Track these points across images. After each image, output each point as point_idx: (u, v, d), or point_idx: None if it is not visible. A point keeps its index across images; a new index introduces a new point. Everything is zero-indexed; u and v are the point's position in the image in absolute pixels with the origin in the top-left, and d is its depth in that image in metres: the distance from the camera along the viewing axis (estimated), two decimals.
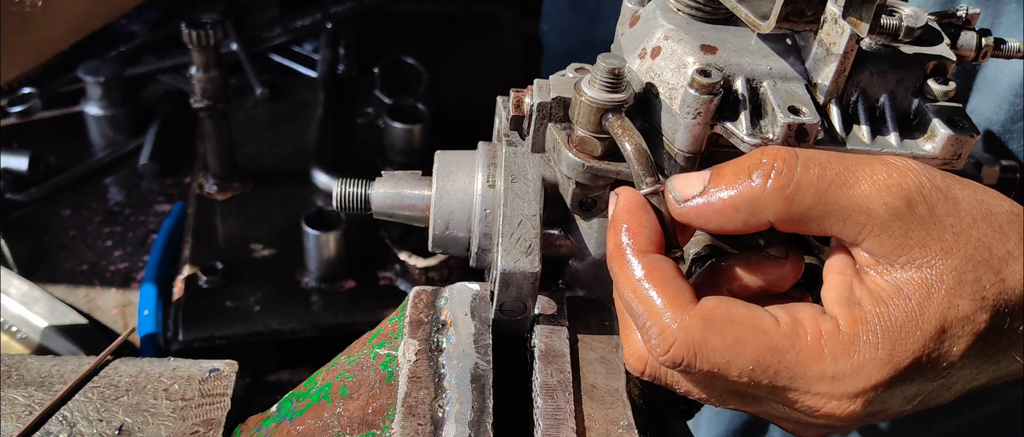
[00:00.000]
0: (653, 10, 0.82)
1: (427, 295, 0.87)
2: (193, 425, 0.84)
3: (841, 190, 0.66)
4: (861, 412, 0.67)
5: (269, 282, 1.37)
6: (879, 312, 0.66)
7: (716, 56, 0.76)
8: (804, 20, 0.70)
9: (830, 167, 0.66)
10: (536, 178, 0.83)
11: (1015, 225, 0.67)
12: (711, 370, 0.67)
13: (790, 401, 0.68)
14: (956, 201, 0.66)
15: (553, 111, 0.82)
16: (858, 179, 0.66)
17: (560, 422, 0.76)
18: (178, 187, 1.60)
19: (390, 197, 0.90)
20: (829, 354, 0.66)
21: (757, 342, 0.66)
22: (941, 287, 0.65)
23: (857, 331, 0.66)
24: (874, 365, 0.65)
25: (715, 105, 0.74)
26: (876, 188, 0.66)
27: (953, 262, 0.65)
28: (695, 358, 0.67)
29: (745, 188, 0.67)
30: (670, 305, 0.68)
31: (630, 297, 0.70)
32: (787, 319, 0.68)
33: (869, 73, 0.76)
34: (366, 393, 0.79)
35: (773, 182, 0.66)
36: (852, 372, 0.65)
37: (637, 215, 0.72)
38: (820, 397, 0.67)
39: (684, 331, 0.66)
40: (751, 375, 0.66)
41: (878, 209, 0.65)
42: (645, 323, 0.69)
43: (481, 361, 0.80)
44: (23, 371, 0.88)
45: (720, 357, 0.66)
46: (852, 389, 0.66)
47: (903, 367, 0.65)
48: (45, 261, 1.44)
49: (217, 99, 1.41)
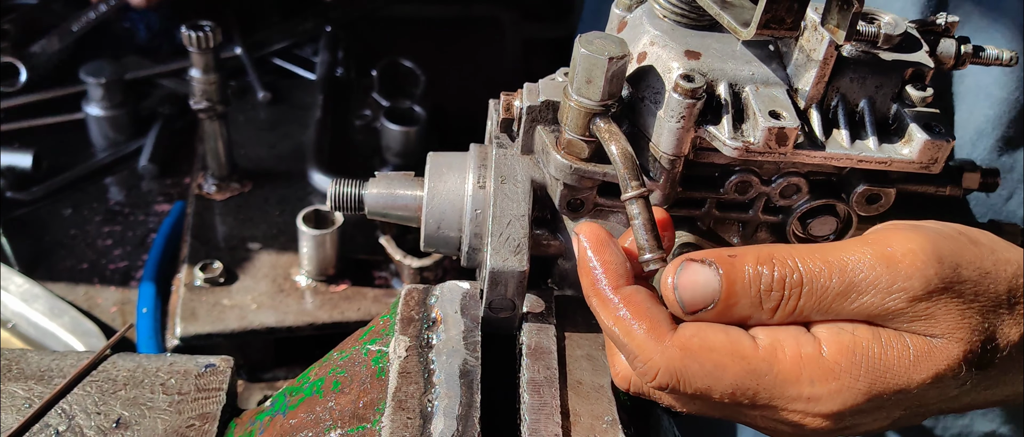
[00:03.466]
0: (640, 16, 0.84)
1: (418, 293, 0.89)
2: (189, 419, 0.86)
3: (843, 304, 0.68)
4: (832, 427, 0.70)
5: (266, 281, 1.39)
6: (871, 348, 0.68)
7: (700, 62, 0.78)
8: (784, 27, 0.72)
9: (832, 284, 0.68)
10: (525, 179, 0.86)
11: (1010, 293, 0.69)
12: (694, 394, 0.70)
13: (768, 413, 0.71)
14: (961, 289, 0.67)
15: (542, 114, 0.84)
16: (860, 291, 0.67)
17: (546, 417, 0.78)
18: (177, 187, 1.62)
19: (383, 197, 0.92)
20: (806, 377, 0.68)
21: (736, 368, 0.68)
22: (942, 353, 0.67)
23: (841, 360, 0.68)
24: (850, 393, 0.68)
25: (698, 109, 0.76)
26: (879, 297, 0.67)
27: (959, 335, 0.67)
28: (678, 384, 0.69)
29: (755, 311, 0.69)
30: (650, 335, 0.70)
31: (613, 329, 0.72)
32: (766, 341, 0.69)
33: (849, 79, 0.78)
34: (357, 388, 0.81)
35: (780, 313, 0.69)
36: (829, 396, 0.68)
37: (604, 252, 0.73)
38: (796, 413, 0.70)
39: (665, 361, 0.69)
40: (731, 397, 0.69)
41: (880, 314, 0.68)
42: (631, 352, 0.71)
43: (470, 357, 0.82)
44: (23, 365, 0.89)
45: (701, 383, 0.69)
46: (826, 410, 0.68)
47: (877, 394, 0.68)
48: (46, 259, 1.46)
49: (216, 101, 1.43)
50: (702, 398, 0.71)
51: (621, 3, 0.88)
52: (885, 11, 0.80)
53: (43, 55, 1.71)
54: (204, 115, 1.45)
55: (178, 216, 1.53)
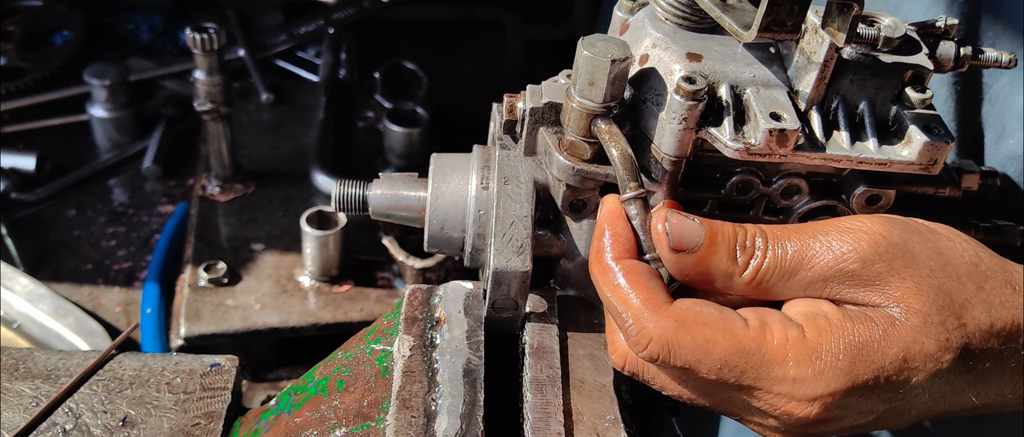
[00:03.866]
0: (642, 19, 0.85)
1: (422, 293, 0.90)
2: (194, 417, 0.87)
3: (800, 270, 0.72)
4: (817, 415, 0.71)
5: (270, 281, 1.40)
6: (845, 327, 0.71)
7: (701, 64, 0.79)
8: (785, 30, 0.73)
9: (790, 248, 0.73)
10: (528, 180, 0.86)
11: (972, 275, 0.72)
12: (683, 366, 0.71)
13: (754, 398, 0.72)
14: (912, 254, 0.72)
15: (545, 116, 0.85)
16: (814, 253, 0.72)
17: (549, 415, 0.78)
18: (181, 188, 1.63)
19: (387, 198, 0.93)
20: (792, 358, 0.70)
21: (726, 343, 0.70)
22: (906, 325, 0.70)
23: (821, 340, 0.70)
24: (834, 373, 0.69)
25: (700, 111, 0.77)
26: (832, 259, 0.72)
27: (915, 305, 0.70)
28: (669, 355, 0.71)
29: (727, 265, 0.73)
30: (646, 306, 0.72)
31: (610, 297, 0.74)
32: (756, 323, 0.72)
33: (849, 81, 0.79)
34: (362, 387, 0.82)
35: (750, 270, 0.73)
36: (813, 377, 0.70)
37: (620, 222, 0.77)
38: (781, 397, 0.71)
39: (659, 330, 0.71)
40: (719, 373, 0.71)
41: (834, 276, 0.72)
42: (625, 321, 0.73)
43: (473, 357, 0.83)
44: (30, 364, 0.90)
45: (691, 356, 0.71)
46: (811, 393, 0.70)
47: (861, 382, 0.70)
48: (50, 259, 1.46)
49: (220, 102, 1.44)
50: (690, 373, 0.72)
51: (623, 5, 0.89)
52: (885, 13, 0.80)
53: None
54: (208, 116, 1.45)
55: (182, 217, 1.54)
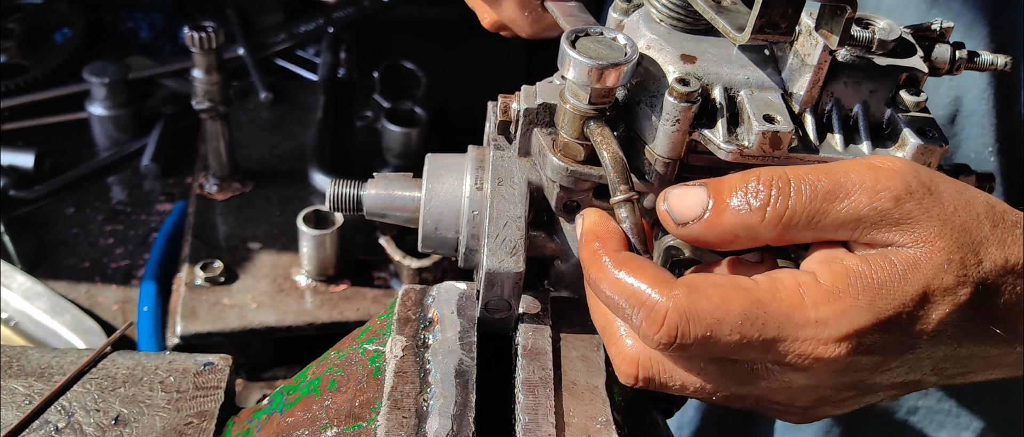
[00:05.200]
0: (637, 20, 0.85)
1: (415, 293, 0.90)
2: (187, 416, 0.87)
3: (833, 205, 0.70)
4: (845, 355, 0.69)
5: (266, 280, 1.40)
6: (862, 270, 0.70)
7: (695, 65, 0.79)
8: (779, 32, 0.73)
9: (820, 184, 0.70)
10: (522, 181, 0.86)
11: (989, 214, 0.72)
12: (705, 335, 0.69)
13: (780, 353, 0.70)
14: (940, 194, 0.71)
15: (539, 117, 0.85)
16: (848, 191, 0.70)
17: (540, 417, 0.78)
18: (179, 187, 1.63)
19: (382, 198, 0.92)
20: (810, 302, 0.69)
21: (741, 298, 0.69)
22: (927, 263, 0.69)
23: (837, 284, 0.69)
24: (855, 311, 0.68)
25: (693, 113, 0.77)
26: (866, 196, 0.70)
27: (940, 244, 0.70)
28: (688, 324, 0.69)
29: (744, 217, 0.71)
30: (654, 285, 0.70)
31: (611, 293, 0.72)
32: (763, 278, 0.71)
33: (843, 83, 0.79)
34: (354, 387, 0.82)
35: (771, 212, 0.70)
36: (835, 317, 0.69)
37: (604, 224, 0.76)
38: (808, 342, 0.69)
39: (673, 301, 0.69)
40: (741, 330, 0.69)
41: (869, 215, 0.70)
42: (632, 311, 0.71)
43: (466, 357, 0.83)
44: (24, 362, 0.90)
45: (710, 317, 0.69)
46: (837, 332, 0.69)
47: (884, 317, 0.69)
48: (48, 257, 1.47)
49: (218, 101, 1.44)
50: (711, 343, 0.70)
51: (619, 7, 0.89)
52: (880, 16, 0.80)
53: None
54: (206, 115, 1.46)
55: (179, 215, 1.54)
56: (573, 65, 0.76)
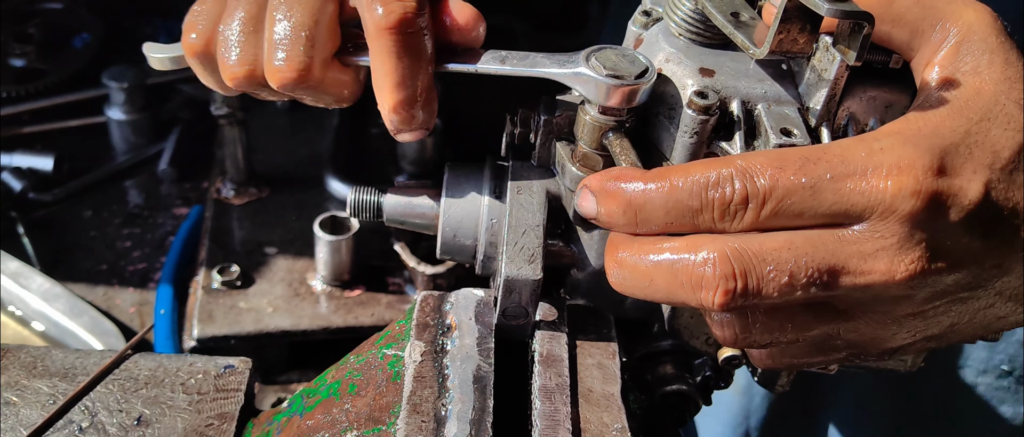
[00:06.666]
0: (656, 34, 0.86)
1: (434, 299, 0.91)
2: (208, 418, 0.88)
3: None
4: (922, 206, 0.67)
5: (282, 285, 1.41)
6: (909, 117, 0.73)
7: (714, 79, 0.80)
8: (796, 47, 0.74)
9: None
10: (540, 191, 0.87)
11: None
12: (787, 187, 0.68)
13: (851, 196, 0.68)
14: None
15: (559, 127, 0.86)
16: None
17: (557, 424, 0.79)
18: (196, 191, 1.65)
19: (401, 205, 0.94)
20: (863, 146, 0.70)
21: (792, 154, 0.70)
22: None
23: (878, 133, 0.72)
24: (920, 138, 0.70)
25: (711, 125, 0.78)
26: None
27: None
28: (773, 181, 0.69)
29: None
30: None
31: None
32: None
33: (859, 98, 0.80)
34: (373, 391, 0.83)
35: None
36: (898, 145, 0.69)
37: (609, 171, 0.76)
38: (876, 173, 0.68)
39: (743, 158, 0.70)
40: (805, 172, 0.68)
41: None
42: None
43: (483, 363, 0.84)
44: (48, 363, 0.92)
45: (786, 206, 0.69)
46: (907, 158, 0.68)
47: (955, 140, 0.70)
48: (66, 259, 1.48)
49: (236, 107, 1.46)
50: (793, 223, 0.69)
51: (638, 20, 0.90)
52: None
53: None
54: (224, 121, 1.47)
55: (196, 220, 1.56)
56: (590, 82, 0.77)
